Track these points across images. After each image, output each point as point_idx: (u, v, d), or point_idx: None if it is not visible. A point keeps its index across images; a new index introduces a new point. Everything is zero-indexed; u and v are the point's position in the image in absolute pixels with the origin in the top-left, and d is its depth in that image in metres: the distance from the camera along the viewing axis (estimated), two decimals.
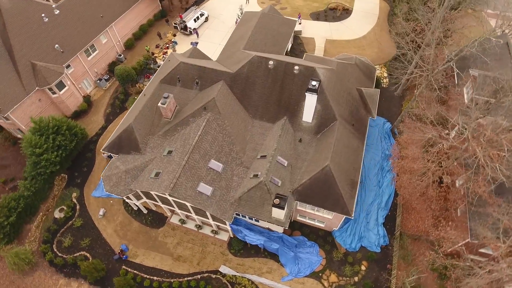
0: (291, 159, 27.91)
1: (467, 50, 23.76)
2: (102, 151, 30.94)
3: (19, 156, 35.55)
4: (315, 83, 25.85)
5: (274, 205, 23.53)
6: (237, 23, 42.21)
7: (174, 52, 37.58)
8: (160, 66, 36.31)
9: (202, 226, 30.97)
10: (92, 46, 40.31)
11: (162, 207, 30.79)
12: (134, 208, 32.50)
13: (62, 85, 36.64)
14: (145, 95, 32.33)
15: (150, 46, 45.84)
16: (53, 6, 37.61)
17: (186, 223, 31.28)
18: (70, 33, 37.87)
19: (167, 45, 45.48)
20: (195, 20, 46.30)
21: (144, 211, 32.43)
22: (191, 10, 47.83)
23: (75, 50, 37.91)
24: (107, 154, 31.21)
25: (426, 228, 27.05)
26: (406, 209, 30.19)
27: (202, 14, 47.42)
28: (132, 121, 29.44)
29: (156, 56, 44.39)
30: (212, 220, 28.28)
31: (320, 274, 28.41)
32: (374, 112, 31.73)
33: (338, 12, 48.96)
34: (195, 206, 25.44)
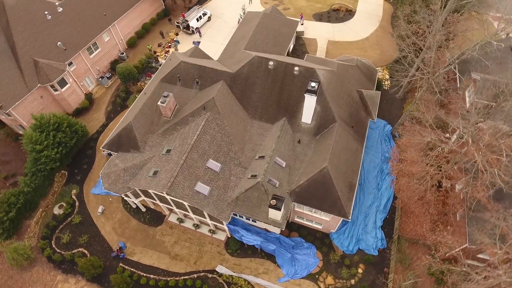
0: (290, 160, 27.85)
1: (468, 54, 23.54)
2: (102, 149, 31.08)
3: (20, 152, 35.84)
4: (315, 85, 25.77)
5: (271, 206, 23.50)
6: (239, 23, 42.19)
7: (176, 51, 37.68)
8: (162, 65, 36.41)
9: (200, 225, 31.02)
10: (95, 44, 40.52)
11: (161, 206, 30.87)
12: (133, 206, 32.62)
13: (64, 83, 36.87)
14: (146, 94, 32.45)
15: (153, 45, 45.98)
16: (56, 4, 37.86)
17: (184, 222, 31.35)
18: (73, 31, 38.10)
19: (169, 44, 45.60)
20: (198, 20, 46.36)
21: (143, 209, 32.56)
22: (194, 10, 47.91)
23: (78, 48, 38.12)
24: (107, 152, 31.37)
25: (424, 232, 26.88)
26: (405, 213, 30.01)
27: (205, 14, 47.48)
28: (132, 120, 29.55)
29: (158, 55, 44.53)
30: (210, 220, 28.31)
31: (317, 276, 28.33)
32: (374, 114, 31.57)
33: (341, 13, 48.79)
34: (192, 206, 25.48)
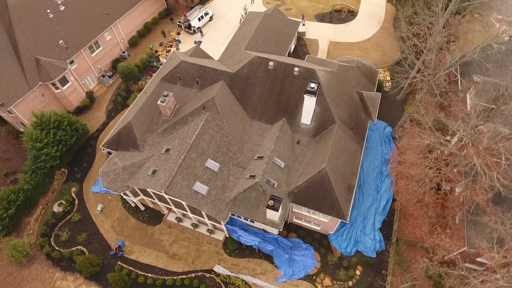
0: (288, 161, 27.81)
1: (469, 56, 23.40)
2: (102, 148, 31.18)
3: (21, 150, 36.03)
4: (314, 85, 25.71)
5: (268, 207, 23.47)
6: (241, 23, 42.19)
7: (177, 51, 37.74)
8: (162, 64, 36.48)
9: (198, 225, 31.04)
10: (96, 43, 40.66)
11: (159, 205, 30.92)
12: (132, 205, 32.70)
13: (65, 81, 37.03)
14: (146, 93, 32.51)
15: (154, 44, 46.08)
16: (59, 2, 38.02)
17: (183, 222, 31.38)
18: (75, 30, 38.25)
19: (171, 43, 45.69)
20: (199, 19, 46.41)
21: (142, 208, 32.64)
22: (196, 9, 47.96)
23: (79, 47, 38.28)
24: (107, 151, 31.48)
25: (422, 235, 26.75)
26: (404, 215, 29.89)
27: (207, 13, 47.52)
28: (132, 119, 29.63)
29: (160, 54, 44.61)
30: (208, 220, 28.31)
31: (314, 278, 28.28)
32: (375, 116, 31.46)
33: (343, 14, 48.66)
34: (190, 205, 25.50)
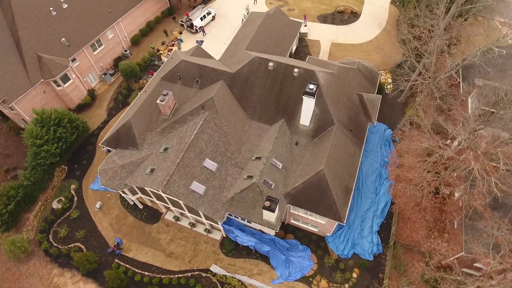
0: (286, 162, 27.76)
1: (470, 60, 23.20)
2: (101, 145, 31.32)
3: (22, 146, 36.29)
4: (313, 87, 25.63)
5: (265, 208, 23.43)
6: (242, 23, 42.18)
7: (178, 50, 37.82)
8: (163, 63, 36.58)
9: (196, 224, 31.08)
10: (99, 41, 40.85)
11: (157, 203, 30.99)
12: (130, 203, 32.81)
13: (67, 78, 37.25)
14: (146, 92, 32.61)
15: (156, 43, 46.21)
16: (62, 0, 38.20)
17: (180, 221, 31.43)
18: (77, 27, 38.46)
19: (173, 43, 45.77)
20: (202, 19, 46.46)
21: (140, 206, 32.74)
22: (198, 9, 48.02)
23: (81, 44, 38.47)
24: (107, 148, 31.62)
25: (420, 239, 26.57)
26: (402, 218, 29.72)
27: (209, 13, 47.56)
28: (131, 117, 29.73)
29: (161, 53, 44.73)
30: (205, 219, 28.34)
31: (311, 279, 28.20)
32: (374, 118, 31.30)
33: (346, 16, 48.49)
34: (187, 204, 25.54)
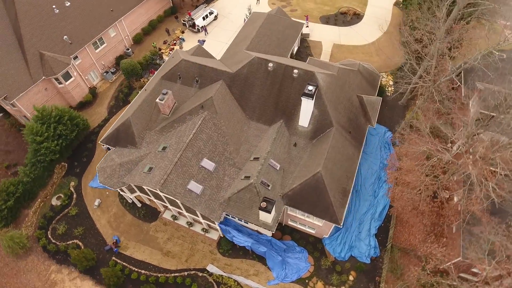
0: (284, 163, 27.71)
1: (470, 63, 23.00)
2: (101, 143, 31.45)
3: (23, 143, 36.50)
4: (312, 88, 25.56)
5: (261, 208, 23.40)
6: (244, 23, 42.17)
7: (179, 49, 37.89)
8: (164, 62, 36.66)
9: (193, 224, 31.12)
10: (101, 39, 41.04)
11: (155, 202, 31.06)
12: (129, 201, 32.93)
13: (69, 76, 37.45)
14: (146, 90, 32.71)
15: (158, 42, 46.34)
16: None
17: (178, 220, 31.48)
18: (79, 25, 38.66)
19: (175, 42, 45.87)
20: (204, 18, 46.51)
21: (138, 205, 32.83)
22: (201, 8, 48.08)
23: (83, 42, 38.67)
24: (106, 146, 31.76)
25: (417, 243, 26.39)
26: (400, 222, 29.54)
27: (211, 13, 47.60)
28: (130, 116, 29.84)
29: (163, 52, 44.84)
30: (202, 219, 28.37)
31: (307, 281, 28.13)
32: (374, 121, 31.17)
33: (349, 17, 48.29)
34: (184, 204, 25.57)
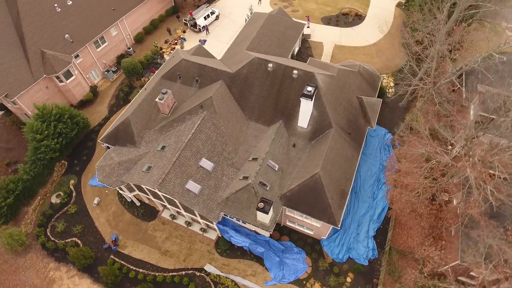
0: (283, 164, 27.67)
1: (470, 66, 22.88)
2: (100, 142, 31.56)
3: (24, 140, 36.59)
4: (311, 89, 25.50)
5: (258, 209, 23.38)
6: (245, 24, 42.17)
7: (180, 49, 37.94)
8: (165, 62, 36.73)
9: (192, 223, 31.14)
10: (102, 38, 41.16)
11: (154, 201, 31.12)
12: (128, 200, 33.00)
13: (70, 74, 37.59)
14: (146, 90, 32.77)
15: (160, 41, 46.42)
16: None
17: (177, 219, 31.51)
18: (81, 24, 38.80)
19: (176, 41, 45.94)
20: (205, 18, 46.54)
21: (137, 204, 32.90)
22: (202, 8, 48.11)
23: (85, 41, 38.81)
24: (106, 145, 31.87)
25: (415, 246, 26.27)
26: (399, 224, 29.42)
27: (213, 12, 47.62)
28: (130, 115, 29.91)
29: (164, 52, 44.92)
30: (201, 218, 28.38)
31: (304, 282, 28.07)
32: (374, 122, 31.07)
33: (350, 18, 48.16)
34: (182, 203, 25.60)
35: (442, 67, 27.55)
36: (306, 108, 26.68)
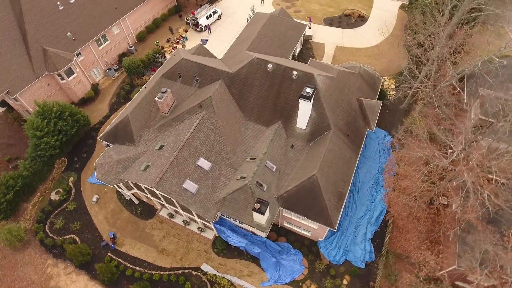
0: (281, 165, 27.62)
1: (470, 69, 22.69)
2: (100, 140, 31.68)
3: (25, 137, 36.88)
4: (310, 90, 25.42)
5: (254, 210, 23.37)
6: (247, 24, 42.15)
7: (181, 48, 38.00)
8: (166, 61, 36.81)
9: (189, 222, 31.19)
10: (104, 36, 41.34)
11: (152, 200, 31.21)
12: (126, 198, 33.11)
13: (71, 72, 37.80)
14: (146, 88, 32.85)
15: (161, 41, 46.54)
16: None
17: (174, 218, 31.58)
18: (83, 22, 38.99)
19: (178, 40, 46.04)
20: (207, 18, 46.59)
21: (136, 202, 33.01)
22: (205, 7, 48.16)
23: (87, 39, 38.99)
24: (106, 143, 32.00)
25: (411, 249, 26.11)
26: (396, 227, 29.25)
27: (215, 12, 47.65)
28: (129, 113, 30.00)
29: (165, 51, 45.02)
30: (198, 218, 28.42)
31: (301, 284, 28.00)
32: (373, 124, 30.92)
33: (353, 19, 47.98)
34: (179, 202, 25.64)
35: (443, 70, 27.36)
36: (305, 109, 26.61)
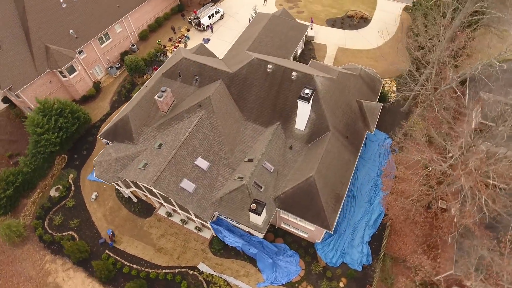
0: (279, 166, 27.58)
1: (470, 73, 22.48)
2: (100, 137, 31.83)
3: (26, 133, 37.11)
4: (308, 91, 25.34)
5: (251, 210, 23.34)
6: (249, 24, 42.13)
7: (182, 47, 38.07)
8: (167, 60, 36.89)
9: (187, 221, 31.24)
10: (106, 35, 41.52)
11: (150, 198, 31.29)
12: (125, 196, 33.24)
13: (73, 70, 38.01)
14: (147, 87, 32.95)
15: (163, 39, 46.64)
16: None
17: (172, 217, 31.65)
18: (86, 20, 39.19)
19: (179, 40, 46.13)
20: (210, 17, 46.62)
21: (134, 200, 33.13)
22: (207, 7, 48.20)
23: (89, 37, 39.19)
24: (106, 140, 32.15)
25: (408, 253, 25.94)
26: (394, 231, 29.09)
27: (218, 12, 47.67)
28: (129, 111, 30.11)
29: (167, 50, 45.12)
30: (195, 217, 28.45)
31: (297, 285, 27.94)
32: (373, 127, 30.77)
33: (356, 20, 47.78)
34: (176, 201, 25.68)
35: (444, 73, 27.15)
36: (304, 111, 26.53)
